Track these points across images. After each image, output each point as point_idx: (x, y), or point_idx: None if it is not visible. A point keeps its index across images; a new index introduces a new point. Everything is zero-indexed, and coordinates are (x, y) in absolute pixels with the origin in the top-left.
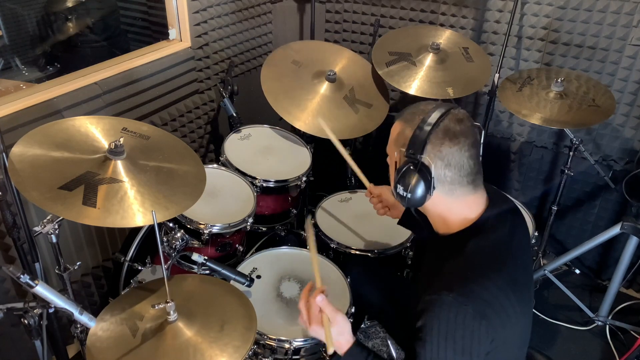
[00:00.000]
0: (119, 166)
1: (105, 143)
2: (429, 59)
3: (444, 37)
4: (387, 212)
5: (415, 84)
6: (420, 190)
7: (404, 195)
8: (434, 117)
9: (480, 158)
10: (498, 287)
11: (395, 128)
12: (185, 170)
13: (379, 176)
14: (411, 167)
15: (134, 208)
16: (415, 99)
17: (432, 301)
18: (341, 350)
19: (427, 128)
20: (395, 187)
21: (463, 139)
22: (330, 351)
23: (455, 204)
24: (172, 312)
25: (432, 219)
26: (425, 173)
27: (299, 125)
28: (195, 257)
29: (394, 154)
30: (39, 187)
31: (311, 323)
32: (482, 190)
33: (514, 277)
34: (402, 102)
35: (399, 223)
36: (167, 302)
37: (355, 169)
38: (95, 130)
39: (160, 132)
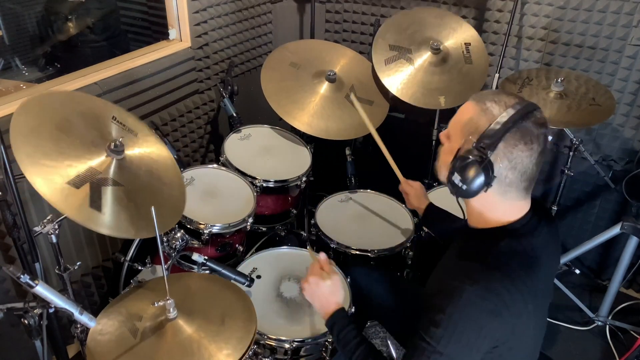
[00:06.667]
0: (117, 166)
1: (99, 131)
2: (427, 57)
3: (449, 26)
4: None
5: (410, 92)
6: (477, 185)
7: (459, 185)
8: (515, 114)
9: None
10: (520, 292)
11: (468, 110)
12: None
13: (379, 178)
14: (477, 161)
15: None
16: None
17: (453, 287)
18: (327, 310)
19: (506, 125)
20: (452, 174)
21: (536, 145)
22: None
23: (502, 204)
24: (171, 310)
25: (470, 210)
26: (488, 170)
27: (305, 128)
28: (195, 257)
29: (459, 138)
30: (40, 155)
31: (308, 276)
32: (529, 196)
33: (537, 288)
34: (403, 101)
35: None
36: (167, 300)
37: (389, 159)
38: (87, 115)
39: (146, 130)
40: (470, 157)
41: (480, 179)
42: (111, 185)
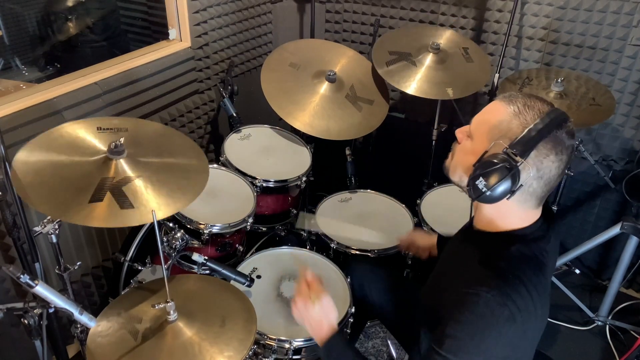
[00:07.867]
0: (124, 164)
1: (97, 145)
2: (428, 59)
3: (444, 37)
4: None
5: (414, 85)
6: (502, 192)
7: (483, 190)
8: (550, 123)
9: None
10: (532, 297)
11: (498, 111)
12: (184, 162)
13: (379, 178)
14: (506, 167)
15: (166, 197)
16: (414, 99)
17: (468, 295)
18: (321, 335)
19: (541, 133)
20: (476, 178)
21: (566, 157)
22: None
23: (517, 212)
24: (172, 312)
25: (481, 214)
26: (516, 178)
27: (306, 129)
28: (195, 257)
29: (485, 139)
30: (64, 202)
31: (297, 300)
32: (541, 205)
33: (545, 291)
34: (402, 101)
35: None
36: (167, 302)
37: None
38: (78, 134)
39: (135, 122)
40: (499, 162)
41: (507, 187)
42: (129, 182)
